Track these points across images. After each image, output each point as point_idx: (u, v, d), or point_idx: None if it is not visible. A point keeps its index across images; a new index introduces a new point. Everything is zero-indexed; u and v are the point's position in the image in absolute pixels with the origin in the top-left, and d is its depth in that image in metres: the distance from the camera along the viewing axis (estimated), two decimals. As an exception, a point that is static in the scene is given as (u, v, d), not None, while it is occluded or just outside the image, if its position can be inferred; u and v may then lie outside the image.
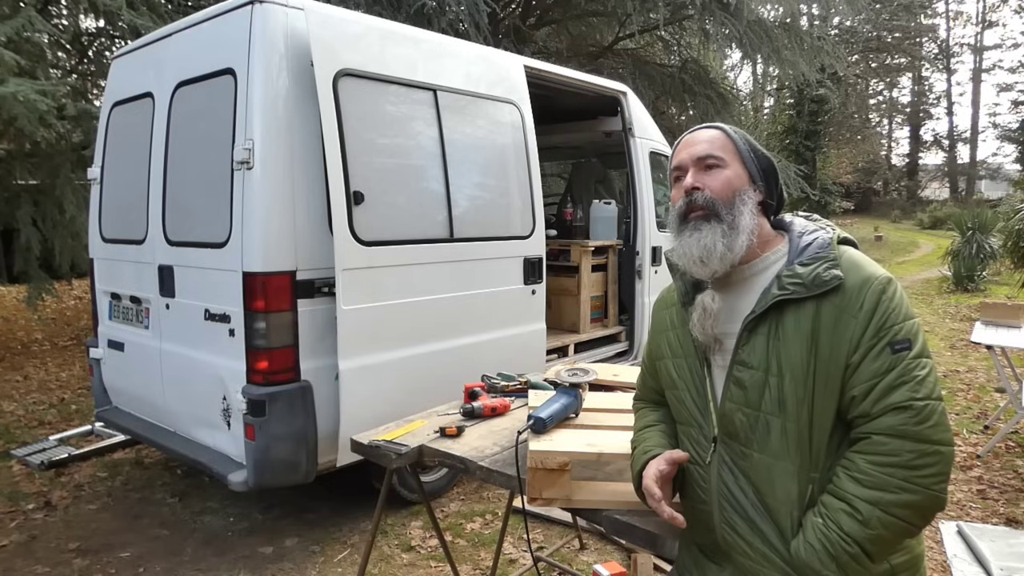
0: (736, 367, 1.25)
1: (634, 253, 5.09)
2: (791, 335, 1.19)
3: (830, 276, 1.19)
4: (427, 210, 3.44)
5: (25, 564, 3.14)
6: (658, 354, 1.46)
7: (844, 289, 1.18)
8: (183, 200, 3.35)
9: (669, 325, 1.44)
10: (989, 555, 2.73)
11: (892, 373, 1.14)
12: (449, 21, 6.99)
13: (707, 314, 1.29)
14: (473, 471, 1.90)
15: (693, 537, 1.41)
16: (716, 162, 1.30)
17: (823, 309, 1.18)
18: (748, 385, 1.23)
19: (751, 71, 26.08)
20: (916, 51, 31.24)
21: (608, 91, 4.96)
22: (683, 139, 1.39)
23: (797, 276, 1.21)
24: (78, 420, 5.11)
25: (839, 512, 1.16)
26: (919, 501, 1.14)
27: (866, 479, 1.14)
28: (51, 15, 6.85)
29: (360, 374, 3.09)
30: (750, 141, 1.35)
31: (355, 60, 3.12)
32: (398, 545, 3.30)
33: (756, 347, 1.23)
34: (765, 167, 1.34)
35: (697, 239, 1.26)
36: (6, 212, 6.78)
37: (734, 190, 1.29)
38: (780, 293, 1.21)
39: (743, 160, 1.32)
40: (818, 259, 1.23)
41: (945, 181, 35.55)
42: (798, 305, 1.20)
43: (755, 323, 1.23)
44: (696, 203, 1.29)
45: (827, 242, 1.26)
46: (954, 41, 34.14)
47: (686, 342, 1.37)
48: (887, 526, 1.13)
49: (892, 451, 1.13)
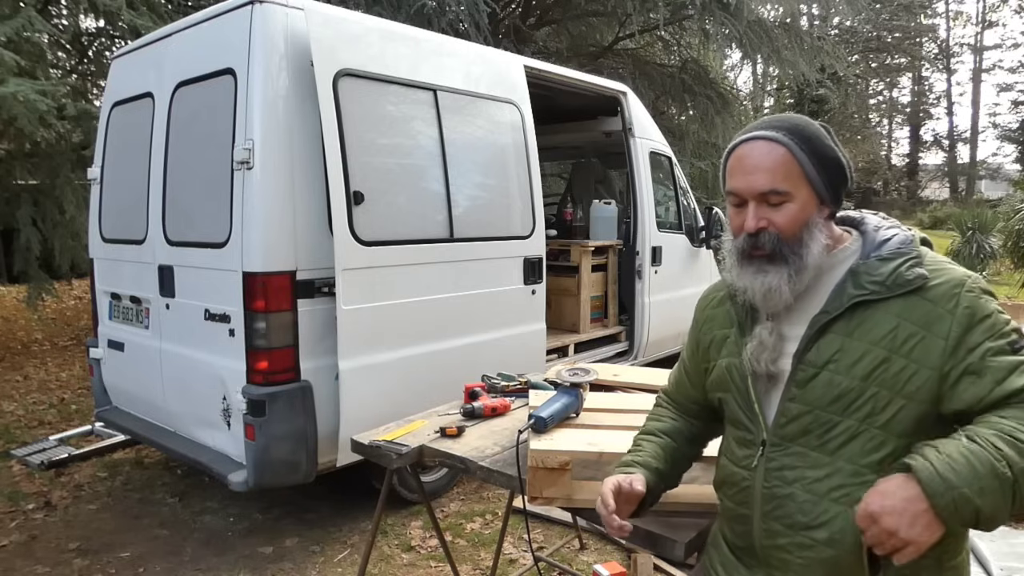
0: (801, 367, 1.18)
1: (634, 253, 5.09)
2: (868, 335, 1.12)
3: (913, 275, 1.11)
4: (427, 210, 3.44)
5: (25, 564, 3.14)
6: (704, 356, 1.39)
7: (936, 287, 1.10)
8: (183, 200, 3.35)
9: (717, 324, 1.37)
10: (989, 555, 2.73)
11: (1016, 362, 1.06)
12: (449, 21, 6.99)
13: (763, 347, 1.21)
14: (473, 471, 1.90)
15: (726, 537, 1.36)
16: (781, 198, 1.16)
17: (910, 307, 1.11)
18: (813, 385, 1.16)
19: (751, 71, 26.09)
20: (916, 51, 31.25)
21: (608, 91, 4.96)
22: (737, 153, 1.21)
23: (876, 275, 1.13)
24: (78, 420, 5.11)
25: (992, 436, 1.02)
26: None
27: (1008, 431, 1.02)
28: (51, 15, 6.84)
29: (360, 374, 3.09)
30: (816, 147, 1.18)
31: (355, 60, 3.12)
32: (398, 545, 3.30)
33: (826, 346, 1.15)
34: (834, 173, 1.19)
35: (761, 281, 1.18)
36: (6, 212, 6.78)
37: (803, 223, 1.17)
38: (858, 293, 1.13)
39: (810, 180, 1.17)
40: (899, 255, 1.15)
41: (945, 181, 35.56)
42: (876, 304, 1.12)
43: (828, 323, 1.15)
44: (761, 246, 1.18)
45: (909, 239, 1.18)
46: (954, 41, 34.16)
47: (732, 343, 1.31)
48: None
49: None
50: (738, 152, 1.21)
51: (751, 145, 1.19)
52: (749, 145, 1.20)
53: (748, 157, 1.19)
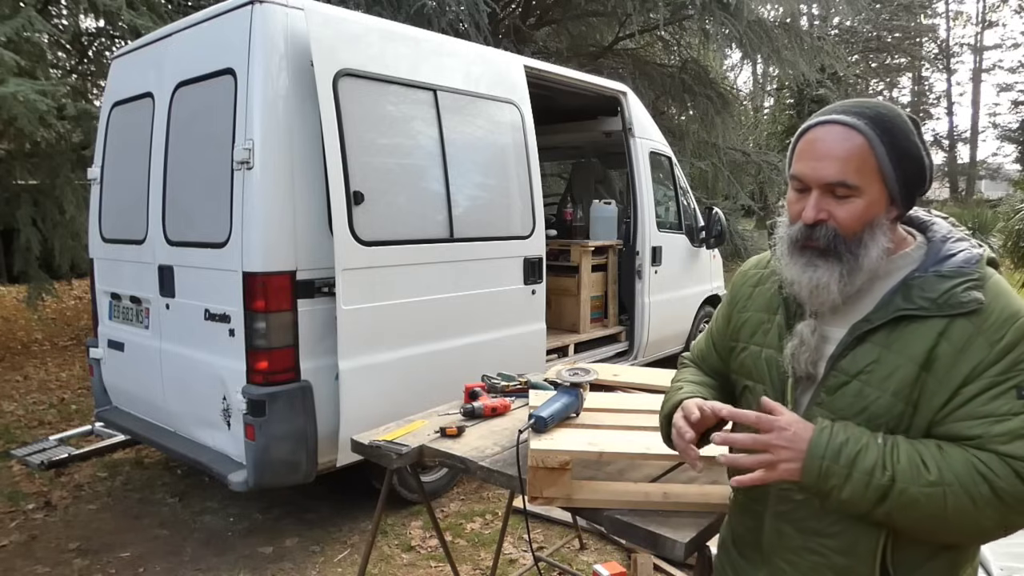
0: (833, 373, 1.12)
1: (634, 253, 5.09)
2: (907, 350, 1.05)
3: (969, 298, 1.04)
4: (427, 210, 3.44)
5: (25, 564, 3.14)
6: (735, 335, 1.32)
7: (986, 314, 1.04)
8: (183, 200, 3.35)
9: (752, 305, 1.30)
10: (989, 555, 2.73)
11: (1017, 419, 1.00)
12: (449, 21, 6.99)
13: (804, 347, 1.15)
14: (474, 471, 1.90)
15: (734, 534, 1.34)
16: (848, 192, 1.07)
17: (955, 327, 1.04)
18: (842, 393, 1.11)
19: (751, 71, 26.08)
20: (916, 51, 31.23)
21: (608, 91, 4.96)
22: (809, 136, 1.11)
23: (930, 292, 1.06)
24: (78, 420, 5.11)
25: (904, 448, 1.03)
26: (976, 530, 1.04)
27: (956, 464, 1.01)
28: (51, 15, 6.85)
29: (360, 374, 3.09)
30: (898, 141, 1.07)
31: (355, 60, 3.12)
32: (398, 545, 3.30)
33: (863, 356, 1.09)
34: (912, 173, 1.09)
35: (810, 276, 1.10)
36: (6, 212, 6.78)
37: (866, 222, 1.08)
38: (906, 307, 1.06)
39: (884, 178, 1.07)
40: (960, 275, 1.06)
41: (945, 181, 35.56)
42: (922, 320, 1.06)
43: (868, 332, 1.09)
44: (817, 239, 1.10)
45: (976, 258, 1.09)
46: (954, 41, 34.16)
47: (770, 332, 1.24)
48: (932, 507, 1.00)
49: (1000, 475, 1.00)
50: (811, 134, 1.11)
51: (827, 129, 1.09)
52: (825, 129, 1.09)
53: (821, 141, 1.08)
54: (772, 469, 1.07)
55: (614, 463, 1.80)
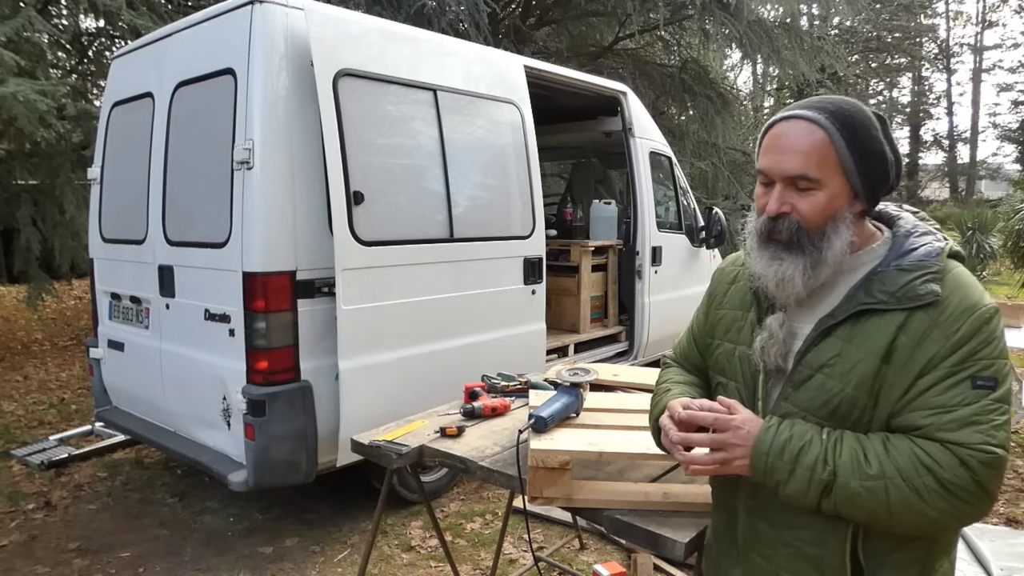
0: (798, 368, 1.15)
1: (634, 253, 5.09)
2: (868, 343, 1.08)
3: (925, 291, 1.06)
4: (427, 210, 3.44)
5: (25, 564, 3.14)
6: (711, 332, 1.35)
7: (943, 306, 1.06)
8: (183, 200, 3.35)
9: (727, 303, 1.33)
10: (989, 555, 2.73)
11: (968, 408, 1.02)
12: (449, 21, 6.99)
13: (773, 340, 1.18)
14: (474, 471, 1.90)
15: (715, 532, 1.37)
16: (811, 185, 1.10)
17: (913, 320, 1.06)
18: (807, 387, 1.14)
19: (751, 71, 26.08)
20: (916, 51, 31.20)
21: (608, 91, 4.96)
22: (774, 131, 1.15)
23: (890, 285, 1.09)
24: (78, 420, 5.11)
25: (848, 443, 1.06)
26: (923, 521, 1.04)
27: (899, 457, 1.03)
28: (51, 15, 6.85)
29: (360, 374, 3.09)
30: (859, 137, 1.10)
31: (355, 60, 3.12)
32: (398, 545, 3.30)
33: (826, 349, 1.12)
34: (874, 168, 1.12)
35: (775, 269, 1.13)
36: (6, 212, 6.78)
37: (829, 215, 1.11)
38: (866, 302, 1.10)
39: (845, 172, 1.10)
40: (919, 268, 1.09)
41: (945, 181, 35.53)
42: (882, 314, 1.08)
43: (832, 327, 1.12)
44: (780, 232, 1.13)
45: (936, 251, 1.11)
46: (954, 41, 34.14)
47: (744, 329, 1.26)
48: (873, 500, 1.03)
49: (943, 464, 1.01)
50: (775, 130, 1.15)
51: (790, 124, 1.13)
52: (788, 124, 1.13)
53: (784, 136, 1.13)
54: (727, 465, 1.14)
55: (614, 463, 1.80)
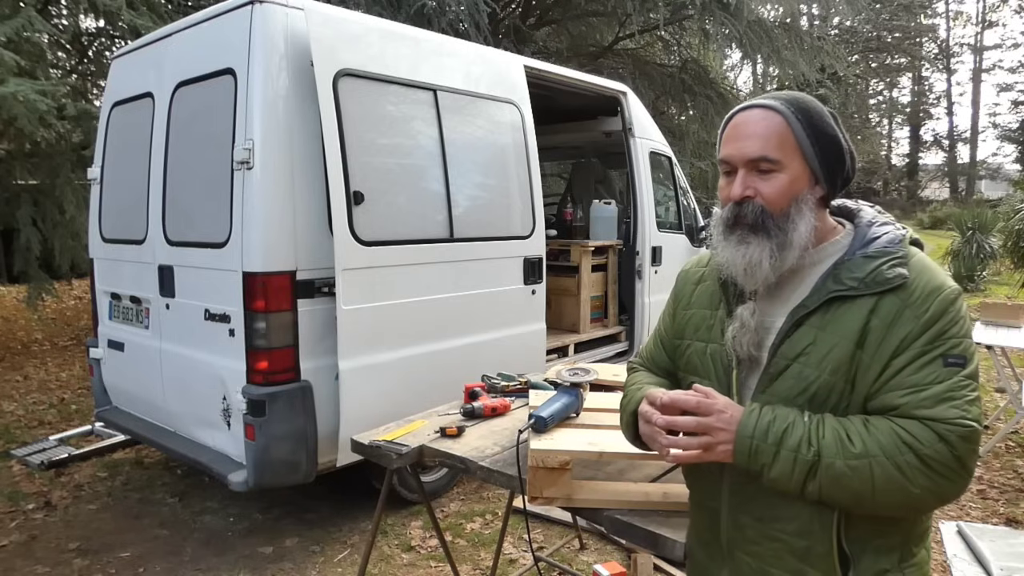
0: (774, 360, 1.16)
1: (634, 253, 5.09)
2: (841, 329, 1.11)
3: (894, 274, 1.10)
4: (427, 210, 3.44)
5: (25, 564, 3.14)
6: (680, 333, 1.36)
7: (911, 288, 1.09)
8: (183, 200, 3.35)
9: (695, 303, 1.34)
10: (989, 555, 2.73)
11: (942, 385, 1.05)
12: (449, 21, 6.99)
13: (745, 330, 1.18)
14: (474, 471, 1.90)
15: (696, 533, 1.36)
16: (772, 166, 1.14)
17: (883, 303, 1.09)
18: (784, 377, 1.15)
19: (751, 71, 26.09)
20: (916, 51, 31.23)
21: (608, 91, 4.96)
22: (733, 121, 1.19)
23: (857, 272, 1.12)
24: (78, 420, 5.11)
25: (830, 424, 1.08)
26: (906, 500, 1.05)
27: (880, 436, 1.05)
28: (51, 15, 6.85)
29: (360, 374, 3.09)
30: (814, 122, 1.15)
31: (355, 60, 3.12)
32: (398, 545, 3.30)
33: (800, 339, 1.14)
34: (830, 152, 1.16)
35: (743, 253, 1.15)
36: (6, 212, 6.78)
37: (791, 197, 1.14)
38: (836, 289, 1.12)
39: (804, 155, 1.15)
40: (885, 254, 1.13)
41: (945, 181, 35.54)
42: (853, 300, 1.11)
43: (804, 317, 1.14)
44: (745, 216, 1.15)
45: (899, 238, 1.16)
46: (954, 41, 34.15)
47: (714, 327, 1.27)
48: (858, 479, 1.04)
49: (923, 440, 1.03)
50: (734, 120, 1.19)
51: (747, 113, 1.17)
52: (745, 113, 1.18)
53: (743, 124, 1.17)
54: (710, 450, 1.12)
55: (614, 463, 1.80)
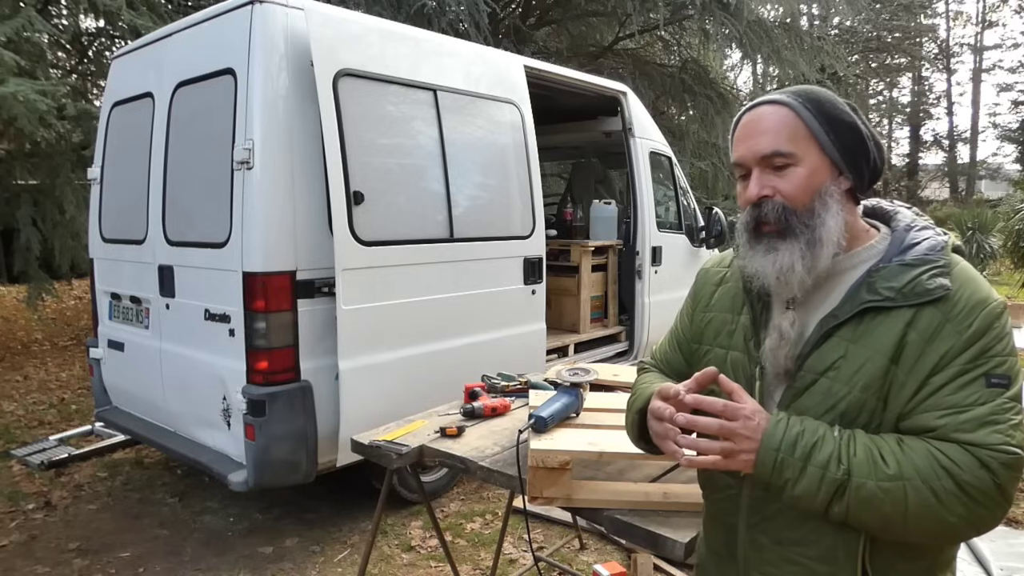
0: (801, 373, 1.09)
1: (634, 253, 5.09)
2: (874, 343, 1.03)
3: (935, 285, 1.01)
4: (427, 210, 3.44)
5: (25, 564, 3.14)
6: (697, 336, 1.29)
7: (953, 300, 1.01)
8: (183, 200, 3.35)
9: (715, 305, 1.26)
10: (989, 555, 2.73)
11: (984, 408, 0.97)
12: (449, 21, 6.99)
13: (783, 341, 1.10)
14: (474, 471, 1.90)
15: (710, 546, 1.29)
16: (786, 160, 1.06)
17: (922, 316, 1.01)
18: (811, 392, 1.07)
19: (751, 71, 26.08)
20: (916, 51, 31.20)
21: (608, 91, 4.96)
22: (741, 122, 1.13)
23: (895, 282, 1.03)
24: (78, 420, 5.11)
25: (862, 441, 1.00)
26: (940, 528, 0.97)
27: (916, 458, 0.97)
28: (51, 15, 6.85)
29: (360, 374, 3.09)
30: (825, 109, 1.08)
31: (355, 60, 3.12)
32: (398, 545, 3.30)
33: (829, 352, 1.06)
34: (849, 138, 1.08)
35: (772, 260, 1.07)
36: (6, 212, 6.78)
37: (813, 191, 1.06)
38: (871, 299, 1.04)
39: (820, 144, 1.07)
40: (926, 263, 1.04)
41: (945, 181, 35.52)
42: (889, 311, 1.03)
43: (834, 328, 1.06)
44: (767, 218, 1.08)
45: (940, 245, 1.07)
46: (954, 41, 34.12)
47: (735, 333, 1.20)
48: (890, 503, 0.96)
49: (963, 466, 0.95)
50: (742, 121, 1.13)
51: (755, 111, 1.12)
52: (751, 112, 1.12)
53: (751, 123, 1.11)
54: (731, 458, 1.04)
55: (614, 463, 1.80)
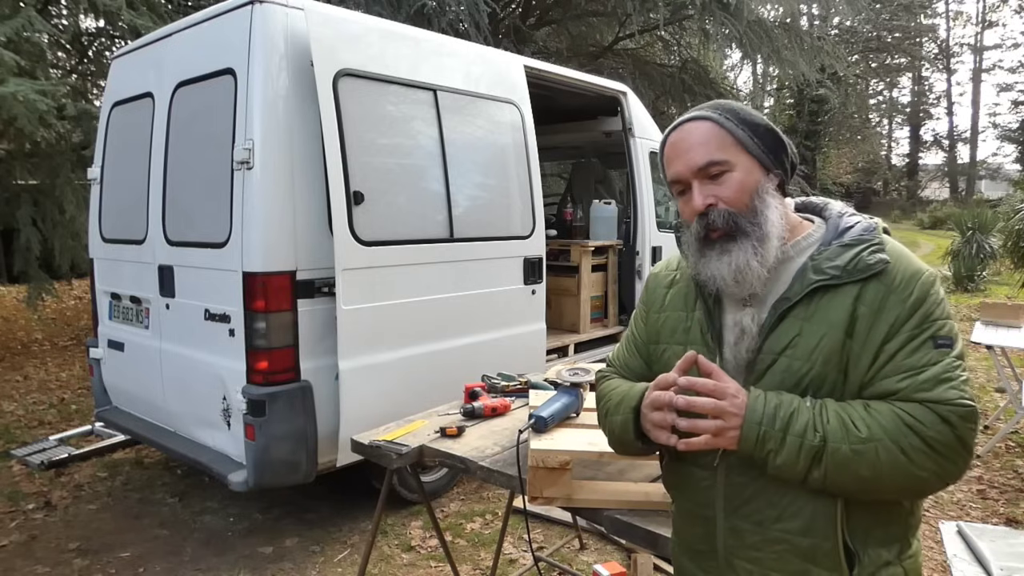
0: (760, 356, 1.15)
1: (634, 253, 5.09)
2: (828, 318, 1.10)
3: (875, 260, 1.10)
4: (427, 210, 3.44)
5: (25, 564, 3.14)
6: (655, 337, 1.33)
7: (892, 273, 1.10)
8: (183, 200, 3.35)
9: (668, 306, 1.31)
10: (989, 555, 2.73)
11: (937, 367, 1.05)
12: (449, 21, 6.99)
13: (745, 336, 1.16)
14: (474, 471, 1.90)
15: (685, 545, 1.30)
16: (721, 168, 1.15)
17: (867, 290, 1.10)
18: (772, 372, 1.13)
19: (751, 71, 26.12)
20: (916, 51, 31.23)
21: (608, 91, 4.96)
22: (669, 141, 1.21)
23: (838, 260, 1.12)
24: (78, 420, 5.11)
25: (832, 408, 1.07)
26: (911, 483, 1.05)
27: (883, 419, 1.04)
28: (51, 15, 6.85)
29: (360, 374, 3.09)
30: (742, 117, 1.18)
31: (355, 60, 3.12)
32: (398, 545, 3.30)
33: (785, 332, 1.13)
34: (769, 138, 1.18)
35: (727, 262, 1.14)
36: (6, 212, 6.78)
37: (751, 191, 1.15)
38: (819, 279, 1.12)
39: (746, 148, 1.16)
40: (863, 242, 1.14)
41: (945, 181, 35.55)
42: (836, 288, 1.11)
43: (787, 310, 1.13)
44: (715, 224, 1.15)
45: (873, 227, 1.17)
46: (954, 41, 34.16)
47: (691, 329, 1.25)
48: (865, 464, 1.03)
49: (926, 423, 1.03)
50: (669, 141, 1.21)
51: (680, 130, 1.20)
52: (677, 131, 1.20)
53: (679, 141, 1.19)
54: (720, 435, 1.09)
55: (614, 463, 1.80)
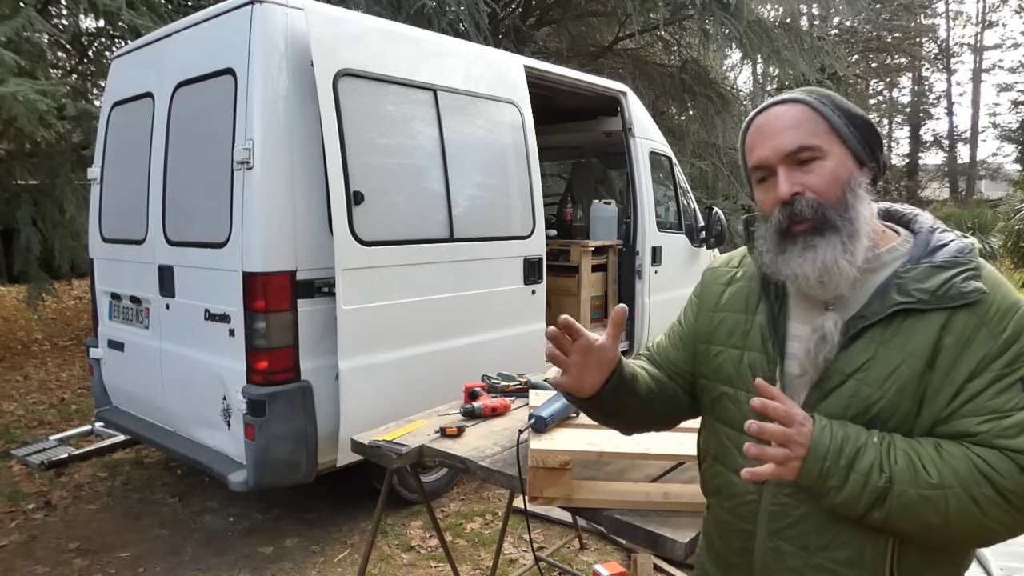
0: (828, 374, 1.05)
1: (634, 253, 5.09)
2: (908, 346, 1.00)
3: (970, 288, 0.99)
4: (427, 210, 3.44)
5: (25, 564, 3.14)
6: (706, 336, 1.23)
7: (987, 304, 0.99)
8: (183, 200, 3.35)
9: (726, 305, 1.22)
10: (989, 555, 2.73)
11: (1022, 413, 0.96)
12: (449, 21, 6.99)
13: (825, 342, 1.05)
14: (474, 471, 1.90)
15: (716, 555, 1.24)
16: (813, 154, 1.04)
17: (956, 319, 0.99)
18: (838, 394, 1.04)
19: (751, 71, 26.09)
20: (916, 51, 31.18)
21: (608, 91, 4.96)
22: (756, 122, 1.10)
23: (928, 284, 1.01)
24: (78, 420, 5.11)
25: (901, 447, 0.98)
26: (979, 533, 0.98)
27: (956, 464, 0.96)
28: (51, 15, 6.85)
29: (360, 374, 3.09)
30: (838, 103, 1.07)
31: (355, 60, 3.12)
32: (398, 545, 3.30)
33: (857, 353, 1.03)
34: (867, 133, 1.07)
35: (812, 259, 1.02)
36: (6, 212, 6.79)
37: (843, 183, 1.03)
38: (903, 301, 1.01)
39: (842, 137, 1.05)
40: (957, 265, 1.01)
41: (945, 181, 35.51)
42: (921, 314, 1.00)
43: (863, 329, 1.03)
44: (802, 214, 1.03)
45: (968, 248, 1.04)
46: (954, 41, 34.10)
47: (751, 333, 1.15)
48: (932, 510, 0.95)
49: (1003, 473, 0.94)
50: (755, 123, 1.10)
51: (768, 112, 1.09)
52: (765, 113, 1.09)
53: (766, 124, 1.08)
54: (784, 465, 0.99)
55: (614, 463, 1.80)
